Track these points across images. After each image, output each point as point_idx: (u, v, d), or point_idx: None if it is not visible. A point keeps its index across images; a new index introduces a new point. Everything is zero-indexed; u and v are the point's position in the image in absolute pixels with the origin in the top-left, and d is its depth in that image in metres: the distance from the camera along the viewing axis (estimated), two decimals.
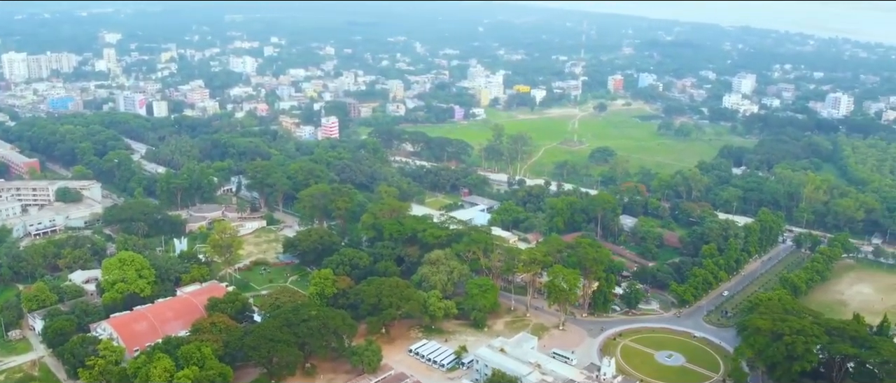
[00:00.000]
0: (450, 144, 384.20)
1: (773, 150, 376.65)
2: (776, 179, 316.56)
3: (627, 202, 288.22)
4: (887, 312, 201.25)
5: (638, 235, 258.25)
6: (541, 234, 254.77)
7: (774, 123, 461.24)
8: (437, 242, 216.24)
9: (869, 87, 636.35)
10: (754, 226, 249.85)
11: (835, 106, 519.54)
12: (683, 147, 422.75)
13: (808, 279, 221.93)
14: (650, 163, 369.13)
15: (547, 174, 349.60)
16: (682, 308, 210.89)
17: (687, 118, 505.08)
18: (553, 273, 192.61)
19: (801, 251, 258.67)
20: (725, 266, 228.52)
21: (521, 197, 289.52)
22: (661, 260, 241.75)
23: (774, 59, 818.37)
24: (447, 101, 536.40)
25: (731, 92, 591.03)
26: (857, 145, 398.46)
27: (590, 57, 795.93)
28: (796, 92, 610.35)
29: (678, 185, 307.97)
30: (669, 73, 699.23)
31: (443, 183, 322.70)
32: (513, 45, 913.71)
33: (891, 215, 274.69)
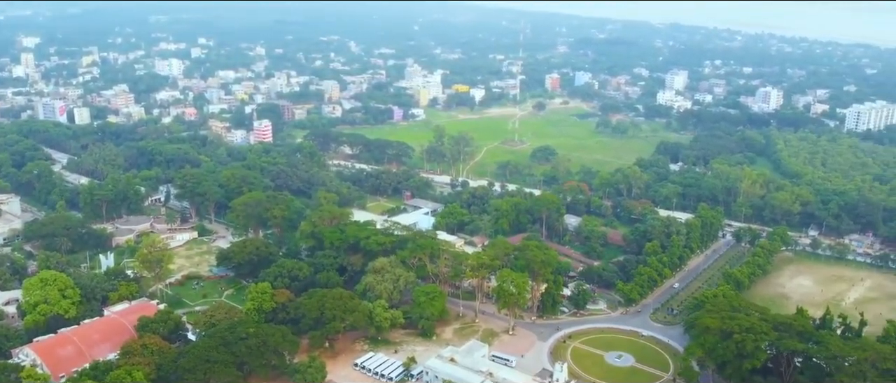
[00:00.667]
0: (390, 146, 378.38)
1: (708, 146, 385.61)
2: (713, 175, 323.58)
3: (570, 201, 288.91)
4: (829, 304, 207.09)
5: (582, 235, 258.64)
6: (486, 237, 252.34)
7: (708, 119, 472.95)
8: (382, 249, 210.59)
9: (796, 80, 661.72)
10: (695, 222, 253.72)
11: (765, 100, 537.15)
12: (621, 144, 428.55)
13: (750, 273, 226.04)
14: (590, 162, 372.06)
15: (490, 174, 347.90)
16: (628, 307, 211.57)
17: (623, 116, 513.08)
18: (501, 277, 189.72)
19: (742, 245, 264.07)
20: (669, 263, 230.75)
21: (465, 199, 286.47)
22: (606, 258, 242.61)
23: (704, 55, 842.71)
24: (385, 102, 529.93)
25: (664, 88, 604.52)
26: (789, 138, 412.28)
27: (526, 56, 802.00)
28: (727, 87, 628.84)
29: (619, 183, 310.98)
30: (604, 70, 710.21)
31: (384, 186, 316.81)
32: (449, 44, 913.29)
33: (825, 207, 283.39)
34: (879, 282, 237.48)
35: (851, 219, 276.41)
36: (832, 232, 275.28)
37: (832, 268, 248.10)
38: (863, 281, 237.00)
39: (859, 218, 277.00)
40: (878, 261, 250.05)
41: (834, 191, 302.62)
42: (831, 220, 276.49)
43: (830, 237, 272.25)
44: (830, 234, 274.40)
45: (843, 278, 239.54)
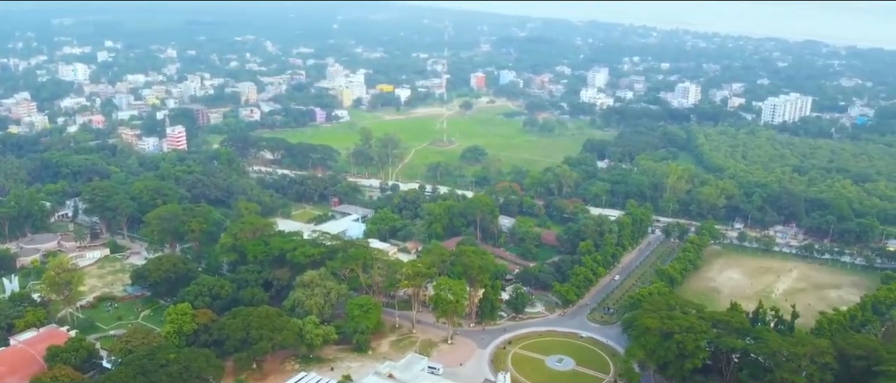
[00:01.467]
0: (314, 150, 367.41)
1: (633, 142, 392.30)
2: (640, 171, 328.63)
3: (503, 202, 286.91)
4: (760, 298, 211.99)
5: (517, 236, 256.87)
6: (420, 242, 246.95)
7: (630, 115, 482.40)
8: (310, 261, 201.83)
9: (712, 75, 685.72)
10: (626, 219, 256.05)
11: (684, 95, 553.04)
12: (549, 143, 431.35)
13: (682, 269, 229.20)
14: (520, 161, 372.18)
15: (420, 177, 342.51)
16: (566, 308, 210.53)
17: (549, 114, 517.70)
18: (439, 285, 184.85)
19: (671, 240, 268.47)
20: (603, 261, 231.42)
21: (396, 203, 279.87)
22: (540, 259, 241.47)
23: (623, 52, 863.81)
24: (306, 103, 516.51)
25: (586, 86, 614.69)
26: (709, 133, 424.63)
27: (450, 54, 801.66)
28: (647, 83, 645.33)
29: (550, 182, 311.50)
30: (528, 69, 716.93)
31: (309, 193, 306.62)
32: (371, 43, 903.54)
33: (749, 200, 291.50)
34: (806, 272, 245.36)
35: (775, 211, 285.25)
36: (757, 224, 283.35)
37: (759, 260, 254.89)
38: (790, 272, 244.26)
39: (782, 209, 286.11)
40: (804, 252, 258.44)
41: (756, 184, 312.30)
42: (755, 213, 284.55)
43: (756, 229, 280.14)
44: (755, 226, 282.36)
45: (770, 270, 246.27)
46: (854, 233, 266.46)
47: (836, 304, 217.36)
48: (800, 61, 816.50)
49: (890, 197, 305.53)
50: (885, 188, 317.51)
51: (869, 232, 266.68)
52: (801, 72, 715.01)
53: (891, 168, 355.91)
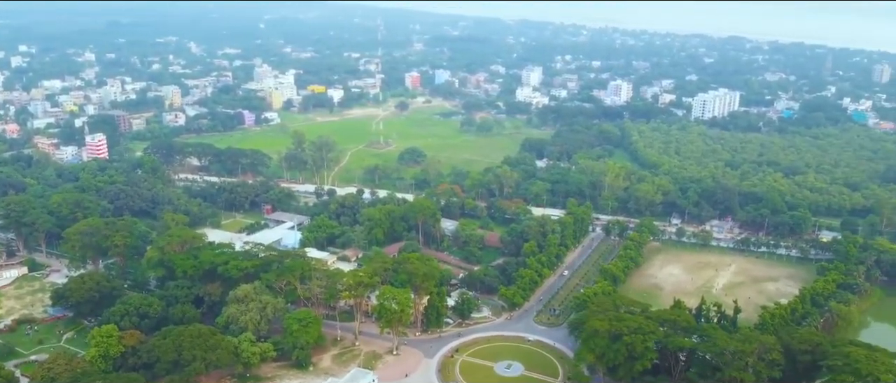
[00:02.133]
0: (243, 155, 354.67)
1: (569, 140, 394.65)
2: (578, 169, 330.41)
3: (445, 205, 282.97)
4: (702, 294, 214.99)
5: (460, 239, 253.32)
6: (360, 249, 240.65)
7: (566, 114, 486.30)
8: (243, 275, 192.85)
9: (642, 72, 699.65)
10: (568, 219, 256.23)
11: (617, 93, 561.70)
12: (487, 142, 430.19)
13: (624, 267, 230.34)
14: (459, 162, 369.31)
15: (357, 180, 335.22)
16: (512, 311, 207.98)
17: (486, 113, 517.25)
18: (382, 295, 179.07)
19: (611, 238, 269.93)
20: (548, 262, 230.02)
21: (333, 209, 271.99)
22: (485, 262, 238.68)
23: (555, 50, 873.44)
24: (234, 106, 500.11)
25: (521, 85, 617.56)
26: (643, 129, 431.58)
27: (384, 54, 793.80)
28: (580, 82, 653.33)
29: (491, 183, 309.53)
30: (462, 68, 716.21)
31: (240, 200, 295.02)
32: (300, 43, 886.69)
33: (685, 196, 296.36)
34: (743, 266, 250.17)
35: (710, 206, 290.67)
36: (694, 219, 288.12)
37: (698, 255, 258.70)
38: (728, 266, 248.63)
39: (717, 204, 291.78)
40: (740, 246, 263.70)
41: (691, 180, 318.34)
42: (692, 208, 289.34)
43: (693, 224, 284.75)
44: (692, 222, 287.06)
45: (709, 264, 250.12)
46: (788, 226, 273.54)
47: (774, 297, 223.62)
48: (725, 57, 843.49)
49: (820, 189, 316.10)
50: (815, 180, 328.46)
51: (802, 224, 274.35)
52: (727, 67, 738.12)
53: (819, 160, 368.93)
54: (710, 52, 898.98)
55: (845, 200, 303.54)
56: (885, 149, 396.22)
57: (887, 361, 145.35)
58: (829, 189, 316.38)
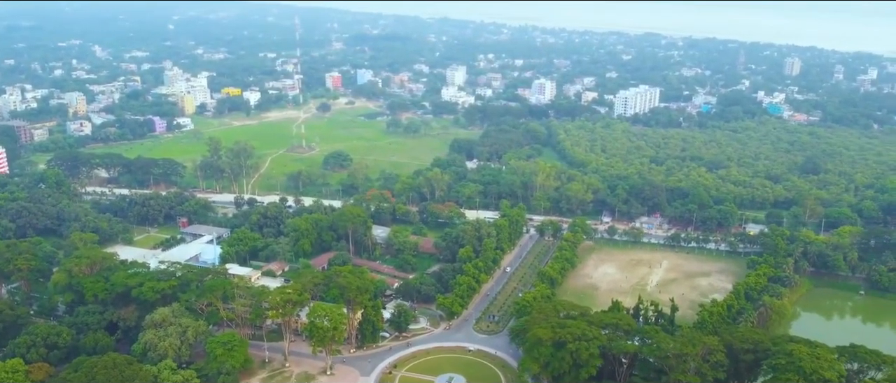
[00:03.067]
0: (155, 165, 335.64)
1: (498, 140, 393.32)
2: (509, 170, 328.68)
3: (375, 211, 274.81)
4: (638, 292, 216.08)
5: (393, 247, 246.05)
6: (286, 263, 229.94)
7: (492, 113, 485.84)
8: (160, 296, 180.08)
9: (564, 70, 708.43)
10: (503, 222, 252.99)
11: (541, 92, 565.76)
12: (415, 144, 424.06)
13: (560, 269, 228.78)
14: (387, 165, 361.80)
15: (280, 188, 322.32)
16: (451, 320, 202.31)
17: (412, 113, 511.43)
18: (313, 312, 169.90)
19: (545, 239, 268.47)
20: (485, 267, 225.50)
21: (255, 220, 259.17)
22: (420, 270, 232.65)
23: (477, 49, 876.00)
24: (144, 113, 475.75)
25: (446, 84, 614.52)
26: (569, 128, 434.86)
27: (302, 53, 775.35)
28: (504, 80, 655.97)
29: (421, 187, 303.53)
30: (385, 67, 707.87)
31: (154, 214, 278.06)
32: (212, 44, 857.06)
33: (614, 193, 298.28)
34: (675, 262, 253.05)
35: (639, 203, 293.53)
36: (624, 217, 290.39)
37: (631, 253, 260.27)
38: (661, 263, 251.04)
39: (646, 201, 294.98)
40: (671, 242, 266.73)
41: (618, 177, 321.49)
42: (622, 206, 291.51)
43: (623, 222, 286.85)
44: (623, 219, 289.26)
45: (642, 262, 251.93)
46: (715, 220, 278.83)
47: (707, 292, 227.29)
48: (642, 54, 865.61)
49: (743, 182, 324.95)
50: (738, 174, 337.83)
51: (729, 218, 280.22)
52: (645, 64, 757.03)
53: (739, 153, 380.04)
54: (628, 49, 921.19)
55: (768, 193, 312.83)
56: (801, 141, 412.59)
57: (829, 357, 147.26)
58: (752, 182, 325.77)
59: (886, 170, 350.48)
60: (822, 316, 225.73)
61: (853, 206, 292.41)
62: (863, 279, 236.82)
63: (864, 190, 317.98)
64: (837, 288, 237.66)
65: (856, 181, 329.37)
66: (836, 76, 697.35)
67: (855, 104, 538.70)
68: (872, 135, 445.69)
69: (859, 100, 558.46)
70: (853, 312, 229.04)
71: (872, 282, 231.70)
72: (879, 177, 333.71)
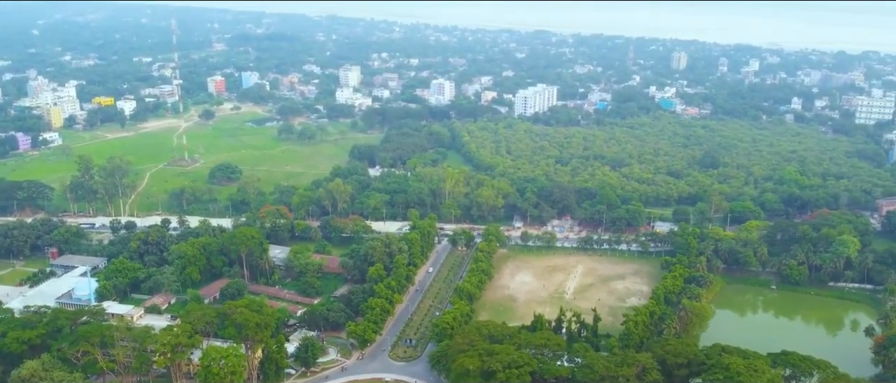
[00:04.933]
0: (19, 188, 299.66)
1: (401, 145, 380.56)
2: (415, 177, 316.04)
3: (271, 229, 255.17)
4: (558, 302, 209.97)
5: (293, 269, 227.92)
6: (173, 295, 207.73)
7: (392, 115, 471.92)
8: (28, 347, 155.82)
9: (461, 69, 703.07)
10: (414, 236, 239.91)
11: (440, 92, 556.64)
12: (311, 151, 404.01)
13: (478, 282, 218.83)
14: (282, 176, 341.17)
15: (161, 208, 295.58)
16: (364, 349, 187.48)
17: (305, 118, 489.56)
18: (207, 356, 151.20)
19: (458, 249, 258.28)
20: (398, 286, 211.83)
21: (135, 247, 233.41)
22: (326, 293, 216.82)
23: (370, 48, 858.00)
24: (5, 128, 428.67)
25: (340, 86, 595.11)
26: (472, 129, 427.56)
27: (180, 56, 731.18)
28: (401, 80, 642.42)
29: (321, 199, 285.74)
30: (271, 69, 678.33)
31: (18, 245, 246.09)
32: (82, 49, 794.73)
33: (523, 197, 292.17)
34: (590, 265, 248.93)
35: (549, 205, 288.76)
36: (535, 221, 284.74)
37: (545, 259, 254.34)
38: (576, 267, 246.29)
39: (555, 203, 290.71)
40: (584, 244, 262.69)
41: (526, 180, 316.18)
42: (532, 210, 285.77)
43: (535, 226, 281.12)
44: (534, 223, 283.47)
45: (558, 268, 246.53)
46: (625, 220, 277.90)
47: (624, 296, 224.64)
48: (535, 51, 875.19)
49: (647, 179, 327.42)
50: (640, 171, 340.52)
51: (637, 217, 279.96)
52: (539, 62, 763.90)
53: (639, 150, 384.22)
54: (521, 46, 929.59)
55: (672, 190, 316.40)
56: (696, 135, 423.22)
57: (765, 368, 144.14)
58: (655, 179, 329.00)
59: (780, 161, 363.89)
60: (737, 313, 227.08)
61: (755, 199, 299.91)
62: (774, 273, 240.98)
63: (763, 182, 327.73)
64: (750, 284, 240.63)
65: (754, 174, 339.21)
66: (720, 69, 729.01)
67: (742, 96, 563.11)
68: (762, 125, 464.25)
69: (746, 92, 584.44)
70: (766, 307, 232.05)
71: (783, 276, 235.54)
72: (776, 169, 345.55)
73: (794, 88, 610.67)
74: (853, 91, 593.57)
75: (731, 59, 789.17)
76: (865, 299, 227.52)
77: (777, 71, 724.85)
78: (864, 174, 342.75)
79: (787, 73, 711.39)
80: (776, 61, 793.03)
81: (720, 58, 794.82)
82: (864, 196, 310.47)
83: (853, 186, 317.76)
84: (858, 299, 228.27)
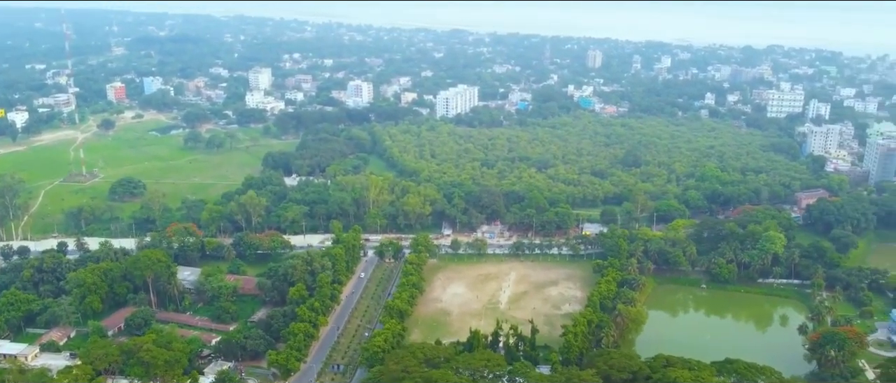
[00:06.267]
0: None
1: (318, 151, 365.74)
2: (336, 186, 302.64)
3: (179, 249, 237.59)
4: (494, 315, 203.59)
5: (205, 292, 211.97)
6: (71, 328, 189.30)
7: (308, 120, 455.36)
8: None
9: (378, 70, 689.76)
10: (338, 250, 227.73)
11: (358, 94, 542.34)
12: (221, 160, 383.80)
13: (409, 297, 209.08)
14: (189, 188, 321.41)
15: (57, 229, 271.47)
16: (287, 379, 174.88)
17: (213, 124, 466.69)
18: None
19: (386, 261, 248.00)
20: (322, 308, 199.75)
21: (28, 276, 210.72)
22: (243, 318, 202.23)
23: (281, 48, 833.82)
24: None
25: (250, 89, 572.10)
26: (393, 132, 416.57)
27: (76, 62, 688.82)
28: (315, 82, 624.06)
29: (234, 214, 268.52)
30: (176, 73, 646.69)
31: None
32: None
33: (451, 203, 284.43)
34: (522, 272, 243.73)
35: (478, 211, 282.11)
36: (465, 227, 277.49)
37: (477, 267, 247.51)
38: (509, 275, 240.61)
39: (484, 208, 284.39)
40: (515, 250, 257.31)
41: (453, 184, 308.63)
42: (461, 216, 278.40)
43: (465, 233, 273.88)
44: (464, 230, 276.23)
45: (490, 276, 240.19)
46: (554, 224, 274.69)
47: (559, 303, 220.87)
48: (453, 51, 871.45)
49: (572, 180, 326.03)
50: (566, 172, 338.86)
51: (566, 220, 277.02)
52: (457, 61, 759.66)
53: (563, 151, 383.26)
54: (438, 46, 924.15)
55: (598, 190, 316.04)
56: (616, 134, 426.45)
57: (710, 379, 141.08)
58: (581, 180, 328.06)
59: (700, 157, 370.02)
60: (670, 314, 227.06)
61: (679, 197, 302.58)
62: (703, 272, 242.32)
63: (685, 179, 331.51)
64: (680, 284, 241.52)
65: (676, 171, 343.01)
66: (634, 66, 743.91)
67: (657, 93, 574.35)
68: (678, 122, 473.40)
69: (661, 89, 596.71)
70: (698, 307, 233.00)
71: (713, 274, 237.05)
72: (696, 165, 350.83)
73: (706, 84, 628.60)
74: (762, 85, 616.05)
75: (644, 56, 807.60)
76: (794, 294, 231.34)
77: (688, 67, 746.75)
78: (781, 168, 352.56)
79: (698, 69, 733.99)
80: (687, 57, 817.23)
81: (633, 55, 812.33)
82: (784, 190, 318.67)
83: (772, 180, 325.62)
84: (787, 295, 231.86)
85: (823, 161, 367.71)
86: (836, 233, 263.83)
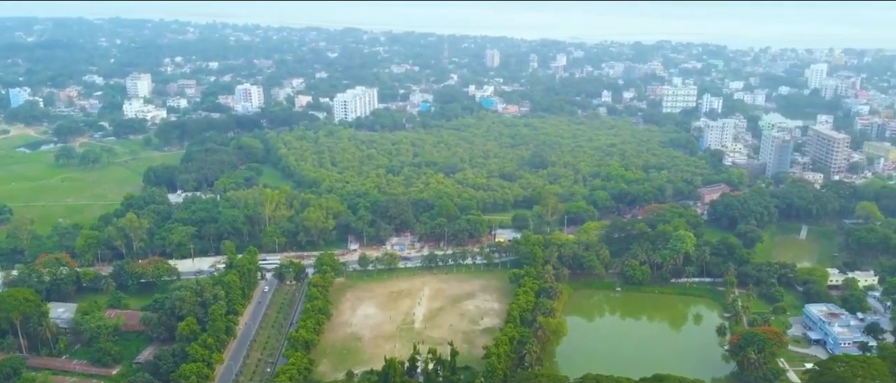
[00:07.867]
0: None
1: (206, 163, 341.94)
2: (226, 202, 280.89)
3: (51, 283, 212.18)
4: (411, 338, 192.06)
5: (83, 332, 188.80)
6: None
7: (193, 129, 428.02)
8: None
9: (268, 72, 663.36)
10: (232, 278, 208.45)
11: (247, 98, 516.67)
12: (97, 177, 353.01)
13: (315, 326, 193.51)
14: (62, 211, 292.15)
15: None
16: None
17: (88, 138, 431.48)
18: None
19: (287, 283, 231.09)
20: (217, 344, 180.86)
21: None
22: (127, 359, 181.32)
23: (161, 51, 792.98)
24: None
25: (129, 97, 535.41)
26: (288, 140, 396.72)
27: None
28: (200, 87, 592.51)
29: (113, 239, 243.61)
30: (46, 82, 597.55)
31: None
32: None
33: (356, 215, 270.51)
34: (436, 286, 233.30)
35: (386, 222, 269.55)
36: (373, 240, 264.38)
37: (389, 284, 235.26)
38: (422, 290, 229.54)
39: (392, 219, 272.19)
40: (428, 263, 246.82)
41: (357, 195, 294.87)
42: (368, 229, 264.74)
43: (373, 246, 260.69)
44: (372, 244, 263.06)
45: (403, 292, 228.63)
46: (467, 232, 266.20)
47: (476, 317, 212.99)
48: (347, 50, 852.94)
49: (481, 185, 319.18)
50: (474, 176, 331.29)
51: (478, 227, 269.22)
52: (353, 61, 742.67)
53: (469, 154, 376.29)
54: (332, 45, 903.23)
55: (508, 194, 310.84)
56: (521, 134, 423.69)
57: None
58: (490, 183, 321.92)
59: (603, 156, 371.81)
60: (587, 320, 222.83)
61: (587, 198, 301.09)
62: (617, 275, 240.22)
63: (591, 179, 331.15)
64: (595, 288, 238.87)
65: (581, 171, 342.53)
66: (531, 65, 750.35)
67: (556, 92, 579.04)
68: (579, 120, 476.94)
69: (559, 88, 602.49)
70: (614, 310, 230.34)
71: (626, 277, 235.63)
72: (600, 165, 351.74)
73: (601, 81, 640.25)
74: (655, 80, 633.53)
75: (540, 54, 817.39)
76: (707, 293, 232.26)
77: (583, 64, 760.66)
78: (682, 163, 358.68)
79: (593, 66, 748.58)
80: (581, 55, 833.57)
81: (530, 54, 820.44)
82: (687, 186, 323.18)
83: (675, 177, 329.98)
84: (700, 293, 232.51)
85: (721, 155, 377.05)
86: (742, 229, 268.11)
